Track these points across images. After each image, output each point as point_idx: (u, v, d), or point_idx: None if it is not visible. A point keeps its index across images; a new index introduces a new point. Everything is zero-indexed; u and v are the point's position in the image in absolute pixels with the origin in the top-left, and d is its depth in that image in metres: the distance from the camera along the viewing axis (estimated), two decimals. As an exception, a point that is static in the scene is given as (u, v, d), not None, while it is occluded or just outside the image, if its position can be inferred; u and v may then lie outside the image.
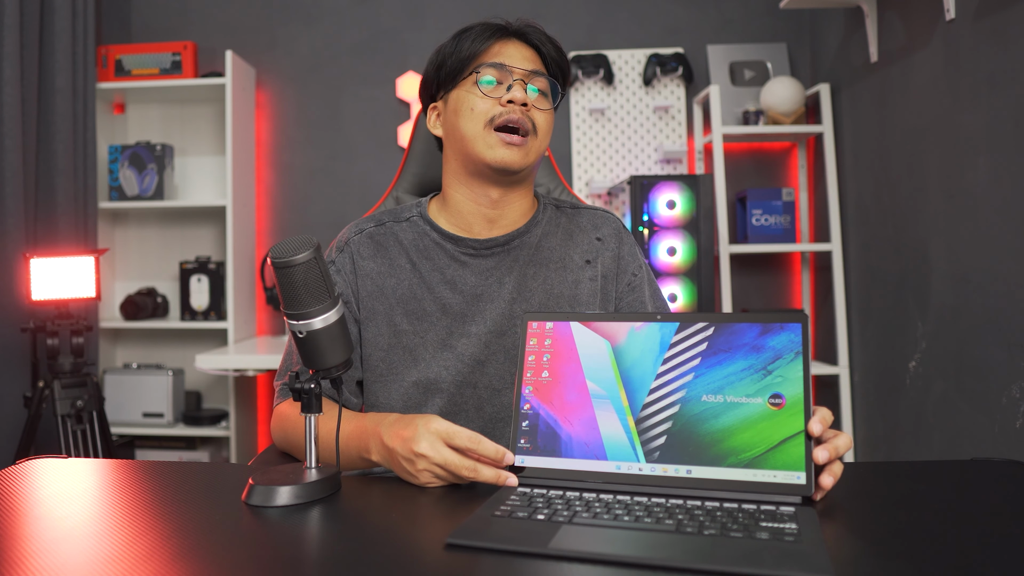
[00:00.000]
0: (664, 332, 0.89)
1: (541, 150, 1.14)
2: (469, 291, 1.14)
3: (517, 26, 1.15)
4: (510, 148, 1.09)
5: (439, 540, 0.71)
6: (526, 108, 1.10)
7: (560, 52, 1.17)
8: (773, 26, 3.04)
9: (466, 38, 1.13)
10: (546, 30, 1.18)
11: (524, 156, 1.11)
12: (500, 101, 1.10)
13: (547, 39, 1.16)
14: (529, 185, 1.19)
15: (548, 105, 1.14)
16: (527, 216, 1.19)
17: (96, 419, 2.37)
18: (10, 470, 0.97)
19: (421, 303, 1.14)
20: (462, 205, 1.16)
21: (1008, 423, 1.76)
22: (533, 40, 1.15)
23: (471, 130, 1.11)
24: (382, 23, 3.13)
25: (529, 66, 1.13)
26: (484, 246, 1.15)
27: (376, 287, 1.16)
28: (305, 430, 0.90)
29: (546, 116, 1.13)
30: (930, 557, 0.67)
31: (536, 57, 1.15)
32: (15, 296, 2.42)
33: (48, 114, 2.65)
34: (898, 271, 2.29)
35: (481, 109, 1.10)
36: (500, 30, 1.14)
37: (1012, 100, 1.72)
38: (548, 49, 1.15)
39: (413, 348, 1.13)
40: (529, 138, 1.11)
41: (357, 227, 1.20)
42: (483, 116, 1.10)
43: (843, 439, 0.82)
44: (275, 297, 3.06)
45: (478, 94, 1.11)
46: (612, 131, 3.06)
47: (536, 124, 1.11)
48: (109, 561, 0.66)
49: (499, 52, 1.13)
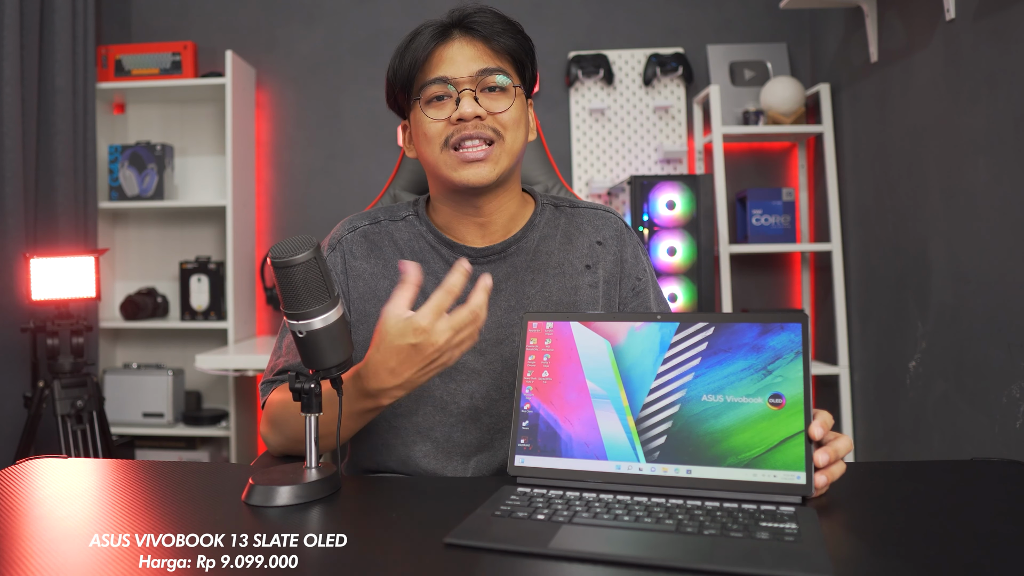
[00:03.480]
0: (664, 332, 0.88)
1: (515, 150, 1.07)
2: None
3: (460, 16, 1.06)
4: (474, 165, 1.04)
5: (439, 540, 0.71)
6: (481, 119, 1.03)
7: (515, 35, 1.08)
8: (773, 26, 3.04)
9: (407, 53, 1.07)
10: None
11: (492, 167, 1.04)
12: (450, 120, 1.03)
13: (498, 25, 1.06)
14: (514, 186, 1.13)
15: (509, 101, 1.06)
16: (519, 217, 1.14)
17: (96, 419, 2.37)
18: (10, 470, 0.97)
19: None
20: (450, 217, 1.12)
21: (1008, 423, 1.76)
22: (480, 33, 1.06)
23: (431, 155, 1.06)
24: (382, 23, 3.13)
25: (476, 67, 1.04)
26: (480, 254, 1.11)
27: (368, 289, 1.11)
28: (305, 430, 0.90)
29: (509, 113, 1.05)
30: (930, 557, 0.67)
31: (486, 52, 1.06)
32: (15, 296, 2.42)
33: (48, 114, 2.65)
34: (898, 271, 2.29)
35: (433, 132, 1.05)
36: (440, 32, 1.06)
37: (1012, 100, 1.72)
38: (500, 39, 1.06)
39: None
40: (495, 146, 1.04)
41: (351, 224, 1.16)
42: (437, 139, 1.05)
43: (843, 442, 0.82)
44: (275, 297, 3.06)
45: (427, 118, 1.05)
46: (612, 131, 3.06)
47: (499, 128, 1.05)
48: (109, 561, 0.66)
49: (440, 60, 1.05)
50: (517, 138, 1.07)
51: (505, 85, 1.06)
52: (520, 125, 1.08)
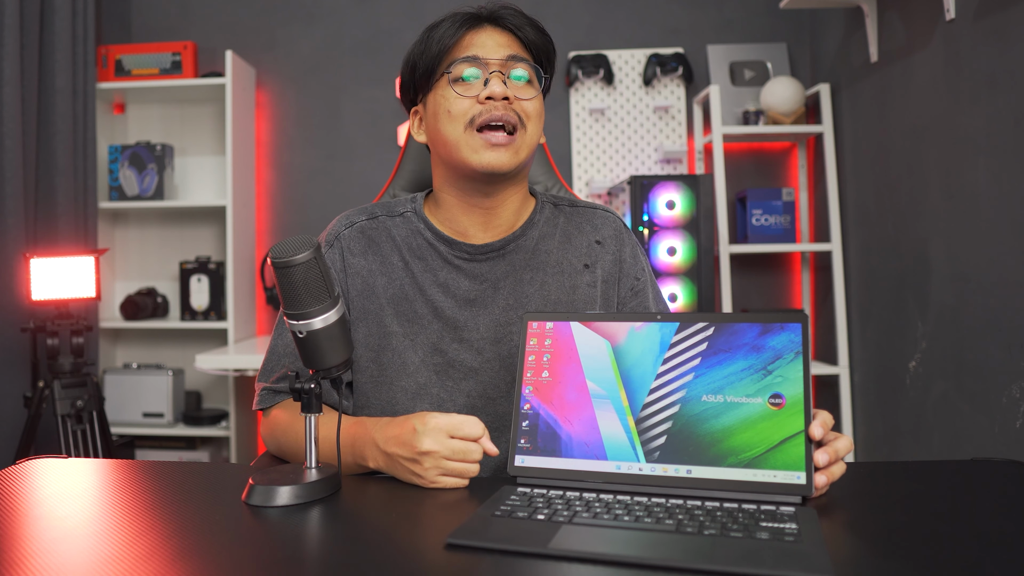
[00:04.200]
0: (664, 332, 0.88)
1: (533, 143, 1.07)
2: (462, 296, 1.09)
3: (490, 10, 1.06)
4: (496, 149, 1.02)
5: (439, 540, 0.71)
6: (508, 102, 1.02)
7: (541, 32, 1.09)
8: (773, 26, 3.04)
9: (435, 34, 1.05)
10: (527, 13, 1.09)
11: (514, 155, 1.04)
12: (478, 99, 1.02)
13: (525, 20, 1.07)
14: (523, 180, 1.12)
15: (534, 92, 1.06)
16: (522, 214, 1.13)
17: (96, 419, 2.37)
18: (10, 470, 0.97)
19: (412, 304, 1.09)
20: (455, 209, 1.10)
21: (1008, 423, 1.76)
22: (509, 24, 1.06)
23: (452, 134, 1.04)
24: (382, 23, 3.13)
25: (505, 53, 1.04)
26: (479, 251, 1.10)
27: (366, 285, 1.10)
28: (305, 430, 0.90)
29: (533, 104, 1.05)
30: (930, 557, 0.67)
31: (515, 42, 1.06)
32: (15, 296, 2.42)
33: (48, 114, 2.65)
34: (898, 271, 2.29)
35: (459, 110, 1.03)
36: (470, 19, 1.06)
37: (1012, 100, 1.72)
38: (527, 32, 1.07)
39: (403, 351, 1.08)
40: (518, 134, 1.03)
41: (348, 220, 1.14)
42: (462, 118, 1.03)
43: (843, 442, 0.82)
44: (275, 297, 3.06)
45: (453, 94, 1.03)
46: (612, 131, 3.06)
47: (523, 116, 1.04)
48: (109, 561, 0.66)
49: (471, 44, 1.05)
50: (536, 131, 1.07)
51: (531, 76, 1.07)
52: (540, 119, 1.08)
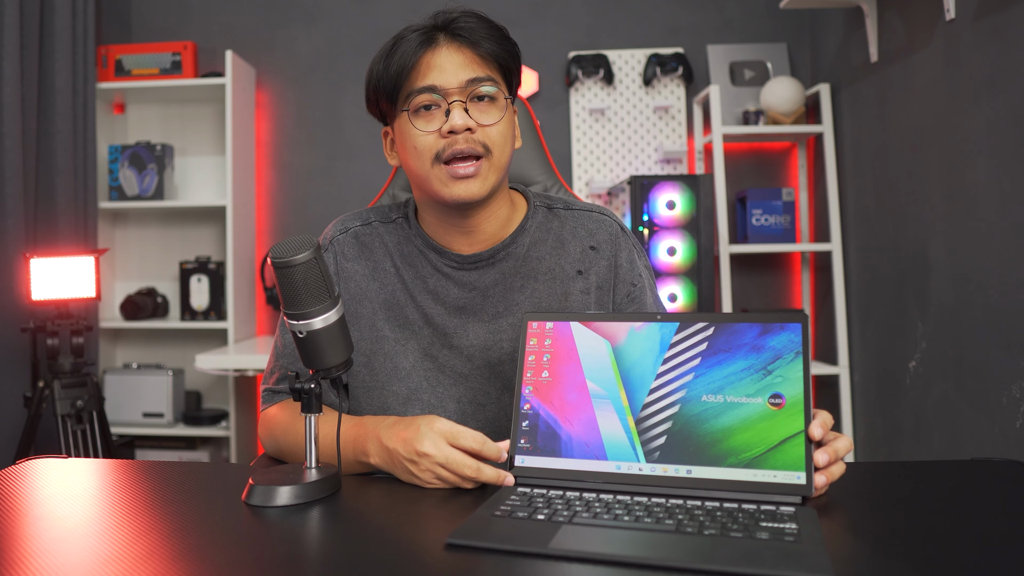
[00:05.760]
0: (664, 332, 0.88)
1: (503, 166, 1.06)
2: (452, 303, 1.10)
3: (446, 20, 1.04)
4: (465, 181, 1.01)
5: (439, 540, 0.71)
6: (472, 131, 1.01)
7: (501, 41, 1.05)
8: (773, 26, 3.04)
9: (393, 58, 1.04)
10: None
11: (482, 183, 1.03)
12: (441, 132, 1.01)
13: (485, 32, 1.04)
14: (502, 195, 1.11)
15: (498, 114, 1.04)
16: (510, 222, 1.12)
17: (96, 419, 2.37)
18: (10, 470, 0.97)
19: (404, 310, 1.10)
20: (436, 226, 1.10)
21: (1008, 423, 1.76)
22: (467, 40, 1.03)
23: (420, 169, 1.03)
24: (382, 23, 3.13)
25: (464, 77, 1.02)
26: (468, 261, 1.10)
27: (359, 290, 1.12)
28: (305, 430, 0.90)
29: (499, 128, 1.03)
30: (930, 557, 0.67)
31: (474, 59, 1.03)
32: (15, 296, 2.42)
33: (48, 114, 2.65)
34: (898, 271, 2.29)
35: (423, 146, 1.02)
36: (427, 38, 1.03)
37: (1012, 100, 1.72)
38: (486, 46, 1.03)
39: (395, 356, 1.09)
40: (483, 160, 1.02)
41: (343, 225, 1.15)
42: (428, 153, 1.02)
43: (843, 442, 0.82)
44: (275, 297, 3.06)
45: (416, 131, 1.02)
46: (612, 131, 3.06)
47: (488, 144, 1.02)
48: (109, 561, 0.66)
49: (429, 67, 1.02)
50: (504, 152, 1.05)
51: (494, 94, 1.04)
52: (508, 139, 1.06)
